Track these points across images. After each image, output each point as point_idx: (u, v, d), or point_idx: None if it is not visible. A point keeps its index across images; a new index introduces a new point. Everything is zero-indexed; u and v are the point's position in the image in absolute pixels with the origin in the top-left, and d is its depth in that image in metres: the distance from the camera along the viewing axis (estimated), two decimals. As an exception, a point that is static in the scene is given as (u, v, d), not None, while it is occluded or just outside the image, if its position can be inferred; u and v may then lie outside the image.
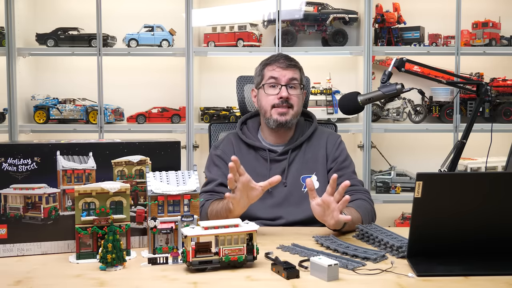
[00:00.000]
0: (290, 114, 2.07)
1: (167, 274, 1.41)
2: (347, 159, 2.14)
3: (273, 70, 2.09)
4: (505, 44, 3.59)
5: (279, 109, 2.06)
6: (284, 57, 2.13)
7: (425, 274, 1.38)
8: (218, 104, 3.77)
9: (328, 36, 3.66)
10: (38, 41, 3.66)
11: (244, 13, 3.70)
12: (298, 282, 1.35)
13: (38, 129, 3.64)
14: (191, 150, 3.53)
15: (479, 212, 1.45)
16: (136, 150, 1.64)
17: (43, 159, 1.57)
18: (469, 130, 2.07)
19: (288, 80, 2.07)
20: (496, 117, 3.55)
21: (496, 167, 3.37)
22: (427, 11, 3.75)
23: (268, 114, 2.08)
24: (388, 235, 1.64)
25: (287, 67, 2.09)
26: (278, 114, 2.06)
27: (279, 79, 2.07)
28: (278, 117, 2.06)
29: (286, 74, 2.08)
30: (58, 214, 1.59)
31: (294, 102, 2.08)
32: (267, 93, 2.08)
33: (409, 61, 2.10)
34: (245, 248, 1.44)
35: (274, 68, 2.09)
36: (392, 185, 3.57)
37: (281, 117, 2.06)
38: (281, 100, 2.05)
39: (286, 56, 2.14)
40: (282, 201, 2.06)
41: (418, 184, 1.39)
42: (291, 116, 2.07)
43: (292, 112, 2.08)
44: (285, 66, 2.09)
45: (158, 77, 3.85)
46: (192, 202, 1.57)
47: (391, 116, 3.64)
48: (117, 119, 3.67)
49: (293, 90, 2.08)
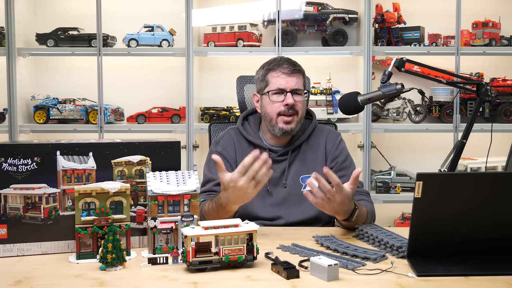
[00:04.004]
0: (295, 121, 2.06)
1: (167, 274, 1.41)
2: (347, 158, 2.14)
3: (278, 77, 2.06)
4: (505, 44, 3.59)
5: (285, 118, 2.04)
6: (287, 61, 2.09)
7: (425, 274, 1.38)
8: (218, 104, 3.77)
9: (328, 36, 3.66)
10: (38, 41, 3.66)
11: (244, 13, 3.70)
12: (298, 282, 1.35)
13: (38, 129, 3.64)
14: (191, 150, 3.53)
15: (479, 212, 1.45)
16: (136, 150, 1.64)
17: (43, 159, 1.57)
18: (469, 130, 2.07)
19: (293, 86, 2.05)
20: (496, 117, 3.54)
21: (496, 167, 3.37)
22: (427, 11, 3.75)
23: (273, 122, 2.07)
24: (388, 235, 1.64)
25: (292, 73, 2.06)
26: (283, 123, 2.05)
27: (284, 86, 2.05)
28: (283, 125, 2.05)
29: (291, 81, 2.05)
30: (58, 214, 1.59)
31: (299, 108, 2.07)
32: (272, 100, 2.06)
33: (409, 61, 2.10)
34: (245, 248, 1.44)
35: (279, 75, 2.06)
36: (392, 185, 3.57)
37: (287, 125, 2.05)
38: (286, 107, 2.04)
39: (288, 60, 2.10)
40: (281, 201, 2.06)
41: (418, 184, 1.39)
42: (295, 123, 2.07)
43: (297, 119, 2.07)
44: (289, 72, 2.06)
45: (158, 77, 3.85)
46: (192, 202, 1.57)
47: (391, 116, 3.64)
48: (117, 119, 3.66)
49: (298, 96, 2.06)
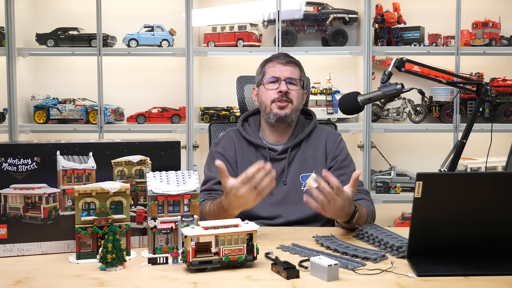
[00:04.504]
0: (289, 107, 2.08)
1: (167, 274, 1.41)
2: (347, 158, 2.14)
3: (273, 67, 2.12)
4: (505, 44, 3.59)
5: (278, 103, 2.07)
6: (284, 54, 2.18)
7: (425, 274, 1.38)
8: (218, 104, 3.77)
9: (328, 36, 3.66)
10: (38, 41, 3.66)
11: (244, 13, 3.70)
12: (298, 282, 1.35)
13: (38, 129, 3.64)
14: (191, 150, 3.53)
15: (479, 212, 1.45)
16: (136, 150, 1.64)
17: (43, 159, 1.57)
18: (469, 130, 2.07)
19: (288, 75, 2.09)
20: (496, 117, 3.54)
21: (496, 167, 3.37)
22: (427, 11, 3.75)
23: (268, 109, 2.10)
24: (388, 235, 1.64)
25: (287, 63, 2.12)
26: (277, 108, 2.07)
27: (279, 75, 2.10)
28: (277, 111, 2.07)
29: (286, 70, 2.10)
30: (58, 214, 1.59)
31: (294, 96, 2.09)
32: (266, 88, 2.10)
33: (409, 61, 2.10)
34: (245, 248, 1.44)
35: (274, 65, 2.12)
36: (392, 185, 3.57)
37: (281, 110, 2.07)
38: (280, 94, 2.07)
39: (286, 54, 2.19)
40: (281, 199, 2.06)
41: (418, 184, 1.39)
42: (290, 109, 2.08)
43: (292, 107, 2.08)
44: (284, 62, 2.12)
45: (158, 77, 3.85)
46: (192, 202, 1.57)
47: (391, 116, 3.64)
48: (117, 119, 3.66)
49: (293, 86, 2.10)
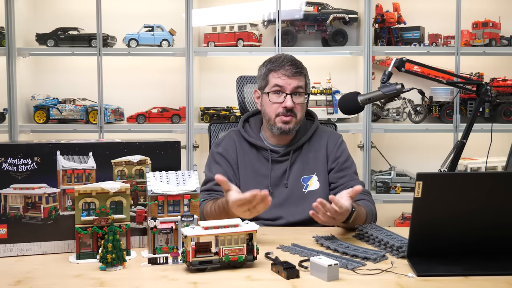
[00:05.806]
0: (293, 122, 2.06)
1: (167, 274, 1.41)
2: (348, 159, 2.13)
3: (279, 78, 2.04)
4: (505, 44, 3.59)
5: (283, 118, 2.04)
6: (290, 62, 2.06)
7: (425, 274, 1.38)
8: (218, 104, 3.76)
9: (328, 36, 3.66)
10: (38, 41, 3.66)
11: (244, 13, 3.69)
12: (298, 282, 1.35)
13: (38, 129, 3.63)
14: (191, 150, 3.53)
15: (479, 212, 1.45)
16: (136, 150, 1.64)
17: (43, 159, 1.57)
18: (469, 130, 2.07)
19: (293, 88, 2.04)
20: (496, 117, 3.54)
21: (496, 167, 3.37)
22: (427, 11, 3.74)
23: (272, 121, 2.07)
24: (388, 235, 1.64)
25: (293, 76, 2.04)
26: (282, 123, 2.05)
27: (284, 88, 2.04)
28: (282, 125, 2.05)
29: (292, 83, 2.03)
30: (58, 214, 1.59)
31: (298, 110, 2.06)
32: (271, 101, 2.06)
33: (409, 61, 2.10)
34: (245, 248, 1.44)
35: (280, 76, 2.04)
36: (392, 185, 3.57)
37: (285, 125, 2.05)
38: (285, 109, 2.03)
39: (292, 61, 2.07)
40: (282, 201, 2.06)
41: (418, 184, 1.39)
42: (294, 124, 2.06)
43: (296, 120, 2.07)
44: (291, 75, 2.04)
45: (158, 77, 3.85)
46: (192, 202, 1.57)
47: (391, 116, 3.64)
48: (117, 119, 3.66)
49: (298, 98, 2.06)
